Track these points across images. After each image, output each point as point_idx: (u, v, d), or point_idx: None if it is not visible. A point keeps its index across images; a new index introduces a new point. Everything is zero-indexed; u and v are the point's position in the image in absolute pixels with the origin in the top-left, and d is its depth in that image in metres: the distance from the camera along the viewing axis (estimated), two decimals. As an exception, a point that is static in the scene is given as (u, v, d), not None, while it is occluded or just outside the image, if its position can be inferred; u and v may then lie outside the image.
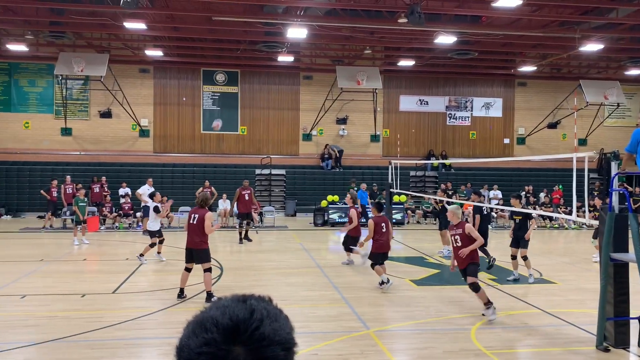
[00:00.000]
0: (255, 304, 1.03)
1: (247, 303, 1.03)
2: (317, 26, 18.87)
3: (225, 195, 20.84)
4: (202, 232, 9.09)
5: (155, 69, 25.61)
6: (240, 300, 1.04)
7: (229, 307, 1.02)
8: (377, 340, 7.24)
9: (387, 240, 10.17)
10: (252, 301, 1.04)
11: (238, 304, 1.03)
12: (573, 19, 17.88)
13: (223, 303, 1.05)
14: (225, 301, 1.05)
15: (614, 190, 7.26)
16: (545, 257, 14.42)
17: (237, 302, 1.04)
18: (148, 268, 12.46)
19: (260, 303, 1.04)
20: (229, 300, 1.05)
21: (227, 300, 1.06)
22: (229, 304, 1.03)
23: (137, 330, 7.63)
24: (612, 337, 7.10)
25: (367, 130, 26.60)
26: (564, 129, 27.45)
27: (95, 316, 8.22)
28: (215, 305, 1.04)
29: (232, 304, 1.03)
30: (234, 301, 1.04)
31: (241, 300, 1.04)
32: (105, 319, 8.00)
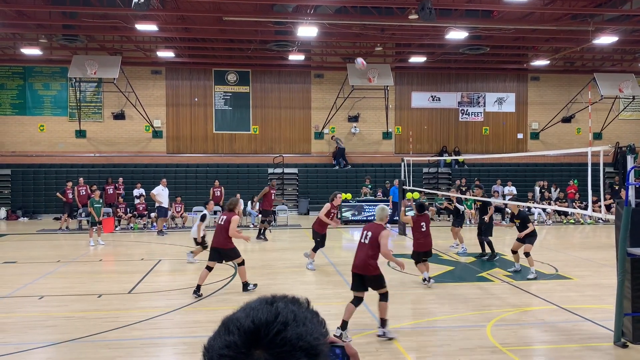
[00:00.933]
0: (282, 306, 1.00)
1: (274, 306, 1.00)
2: (327, 24, 18.85)
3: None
4: (227, 233, 9.59)
5: (167, 70, 25.76)
6: (268, 303, 1.02)
7: (255, 309, 1.00)
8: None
9: (426, 240, 10.44)
10: (279, 304, 1.01)
11: (264, 307, 1.00)
12: (586, 12, 17.67)
13: (251, 305, 1.02)
14: (254, 303, 1.03)
15: (631, 184, 7.17)
16: (561, 252, 14.29)
17: (264, 305, 1.01)
18: (163, 268, 12.55)
19: (288, 306, 1.01)
20: (257, 302, 1.03)
21: (256, 301, 1.03)
22: (256, 305, 1.01)
23: (153, 330, 7.70)
24: (630, 332, 7.02)
25: (379, 127, 26.54)
26: (578, 123, 27.15)
27: (112, 316, 8.30)
28: (244, 307, 1.03)
29: (258, 305, 1.01)
30: (261, 303, 1.02)
31: (268, 303, 1.02)
32: (121, 319, 8.08)
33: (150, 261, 13.09)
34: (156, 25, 18.67)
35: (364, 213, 21.30)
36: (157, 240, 17.08)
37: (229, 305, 8.91)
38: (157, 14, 18.16)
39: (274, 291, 1.13)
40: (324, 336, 1.00)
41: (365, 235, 7.31)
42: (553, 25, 18.76)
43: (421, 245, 10.43)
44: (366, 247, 7.23)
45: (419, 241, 10.44)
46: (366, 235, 7.30)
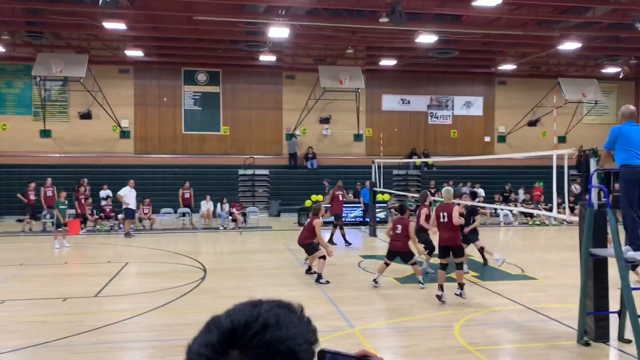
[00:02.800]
0: (266, 309, 0.99)
1: (257, 308, 0.99)
2: (298, 26, 18.85)
3: (208, 197, 20.72)
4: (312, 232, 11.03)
5: (136, 69, 25.35)
6: (253, 305, 1.01)
7: (237, 310, 0.99)
8: (362, 339, 7.27)
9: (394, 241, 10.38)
10: (263, 306, 1.00)
11: (247, 308, 0.99)
12: (551, 18, 18.11)
13: (237, 306, 1.02)
14: (240, 304, 1.02)
15: (594, 187, 7.37)
16: (526, 253, 14.59)
17: (248, 307, 1.00)
18: (131, 270, 12.35)
19: (273, 309, 1.00)
20: (243, 304, 1.02)
21: (242, 304, 1.03)
22: (240, 307, 1.01)
23: (121, 333, 7.56)
24: (593, 331, 7.22)
25: (351, 129, 26.65)
26: (543, 126, 27.79)
27: (78, 320, 8.11)
28: (231, 308, 1.02)
29: (242, 307, 1.00)
30: (246, 305, 1.01)
31: (253, 305, 1.01)
32: (87, 323, 7.91)
33: (118, 264, 12.85)
34: (124, 23, 18.36)
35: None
36: (125, 243, 16.79)
37: (197, 308, 8.82)
38: (126, 12, 17.86)
39: (243, 294, 1.13)
40: (310, 343, 0.99)
41: (443, 216, 9.19)
42: (520, 31, 19.17)
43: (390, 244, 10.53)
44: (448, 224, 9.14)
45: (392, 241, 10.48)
46: (444, 216, 9.19)
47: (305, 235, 11.18)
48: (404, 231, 10.23)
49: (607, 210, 7.03)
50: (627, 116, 6.94)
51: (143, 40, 22.14)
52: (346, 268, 12.56)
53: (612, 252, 6.85)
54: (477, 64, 26.28)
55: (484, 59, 25.67)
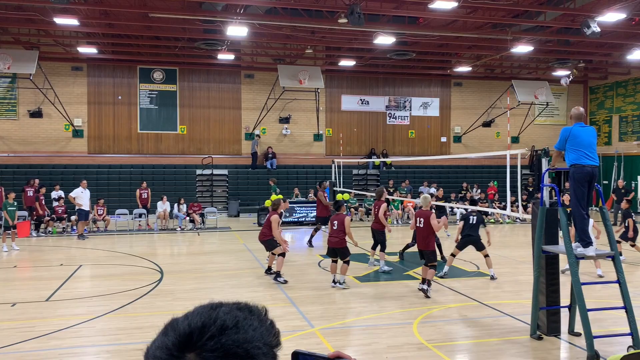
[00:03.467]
0: (225, 311, 0.97)
1: (216, 310, 0.98)
2: (257, 24, 18.73)
3: (165, 197, 20.34)
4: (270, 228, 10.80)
5: (89, 67, 24.65)
6: (212, 307, 0.99)
7: (196, 313, 0.98)
8: (322, 338, 7.28)
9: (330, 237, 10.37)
10: (223, 309, 0.98)
11: (206, 311, 0.98)
12: (505, 22, 18.60)
13: (196, 309, 1.00)
14: (200, 307, 1.00)
15: (545, 186, 7.61)
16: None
17: (207, 309, 0.99)
18: (84, 273, 11.99)
19: (233, 312, 0.98)
20: (203, 307, 1.00)
21: (202, 306, 1.01)
22: (199, 310, 0.99)
23: (73, 338, 7.33)
24: (545, 325, 7.45)
25: (310, 129, 26.68)
26: (497, 127, 28.53)
27: (27, 326, 7.82)
28: (190, 311, 1.00)
29: (201, 310, 0.99)
30: (205, 307, 1.00)
31: (213, 307, 0.99)
32: (38, 329, 7.63)
33: (70, 267, 12.47)
34: (77, 19, 17.81)
35: (295, 215, 21.34)
36: (78, 245, 16.30)
37: (154, 311, 8.65)
38: (78, 8, 17.33)
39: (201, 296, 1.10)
40: (271, 346, 0.98)
41: (420, 221, 9.68)
42: (475, 34, 19.61)
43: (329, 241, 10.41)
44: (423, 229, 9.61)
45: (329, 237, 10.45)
46: (420, 221, 9.67)
47: (265, 232, 11.02)
48: (339, 226, 10.16)
49: (558, 208, 7.27)
50: (576, 118, 7.19)
51: (97, 37, 21.54)
52: (306, 268, 12.56)
53: (562, 248, 7.09)
54: (434, 66, 26.75)
55: (440, 61, 26.15)
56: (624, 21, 17.75)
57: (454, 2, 15.53)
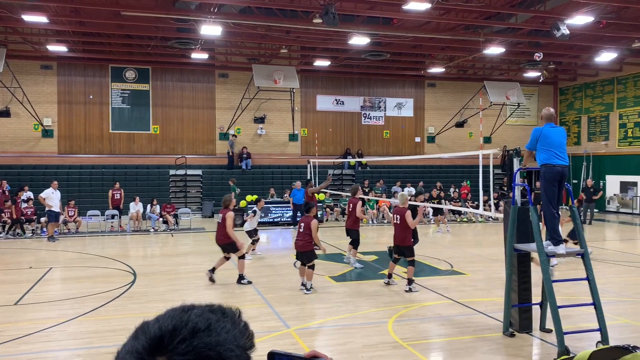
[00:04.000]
0: (198, 313, 0.96)
1: (188, 313, 0.96)
2: (231, 24, 18.61)
3: (137, 198, 20.06)
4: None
5: (59, 66, 24.16)
6: (184, 310, 0.97)
7: (167, 315, 0.96)
8: (297, 339, 7.27)
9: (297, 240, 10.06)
10: (195, 311, 0.97)
11: (177, 314, 0.96)
12: (477, 23, 18.86)
13: (167, 312, 0.98)
14: (171, 310, 0.98)
15: (517, 185, 7.74)
16: (455, 249, 15.12)
17: (178, 312, 0.97)
18: (55, 276, 11.74)
19: (205, 314, 0.96)
20: (174, 309, 0.98)
21: (173, 309, 0.99)
22: (171, 312, 0.97)
23: (44, 342, 7.17)
24: (517, 323, 7.58)
25: (285, 129, 26.63)
26: (470, 127, 28.91)
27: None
28: (161, 313, 0.98)
29: (172, 312, 0.97)
30: (177, 310, 0.98)
31: (184, 310, 0.97)
32: (7, 333, 7.45)
33: (40, 269, 12.19)
34: (46, 16, 17.43)
35: (270, 215, 21.26)
36: (48, 247, 15.95)
37: (126, 313, 8.52)
38: (47, 5, 16.96)
39: (175, 298, 1.09)
40: (244, 349, 0.97)
41: (396, 218, 9.97)
42: (448, 35, 19.84)
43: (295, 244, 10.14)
44: (400, 226, 9.94)
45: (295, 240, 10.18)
46: (397, 218, 9.95)
47: (224, 233, 10.50)
48: (306, 229, 9.78)
49: (529, 208, 7.40)
50: (547, 118, 7.33)
51: (67, 35, 21.11)
52: (281, 268, 12.54)
53: (534, 247, 7.22)
54: (408, 67, 26.97)
55: (414, 62, 26.37)
56: (592, 24, 18.18)
57: (428, 4, 15.68)
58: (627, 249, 15.23)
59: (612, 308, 8.60)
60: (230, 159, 25.41)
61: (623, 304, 9.28)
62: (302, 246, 9.86)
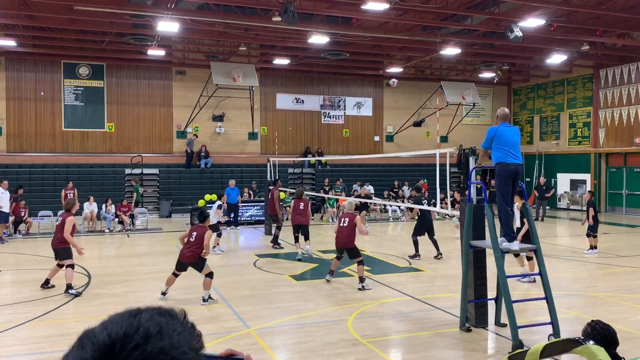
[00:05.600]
0: (147, 318, 0.92)
1: (137, 317, 0.92)
2: (189, 20, 18.33)
3: (92, 198, 19.51)
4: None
5: (8, 60, 23.25)
6: (132, 315, 0.93)
7: (114, 321, 0.91)
8: (257, 339, 7.23)
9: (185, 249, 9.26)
10: (143, 315, 0.93)
11: (125, 319, 0.92)
12: (434, 24, 19.19)
13: (112, 317, 0.93)
14: (117, 315, 0.94)
15: (472, 183, 7.91)
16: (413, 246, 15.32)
17: (126, 317, 0.92)
18: (4, 279, 11.30)
19: (154, 318, 0.93)
20: (120, 315, 0.94)
21: (119, 314, 0.94)
22: (117, 318, 0.92)
23: (-8, 349, 6.89)
24: (473, 317, 7.76)
25: (245, 127, 26.41)
26: (427, 127, 29.39)
27: (-61, 337, 7.27)
28: (106, 320, 0.93)
29: (119, 318, 0.92)
30: (124, 315, 0.93)
31: (132, 315, 0.93)
32: (-49, 340, 7.12)
33: (-12, 273, 11.71)
34: (-6, 9, 16.74)
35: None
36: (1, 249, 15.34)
37: (81, 316, 8.29)
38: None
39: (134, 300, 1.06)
40: (196, 350, 0.94)
41: (344, 221, 10.39)
42: (405, 35, 20.10)
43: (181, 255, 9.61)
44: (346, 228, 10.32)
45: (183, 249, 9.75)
46: (344, 221, 10.39)
47: (60, 238, 9.68)
48: (197, 239, 8.99)
49: (485, 205, 7.57)
50: (502, 118, 7.52)
51: (16, 29, 20.32)
52: (241, 268, 12.44)
53: (489, 243, 7.40)
54: (367, 66, 27.20)
55: (373, 62, 26.61)
56: (544, 27, 18.77)
57: (386, 4, 15.84)
58: (577, 244, 15.81)
59: (564, 302, 8.91)
60: (188, 157, 25.05)
61: (574, 298, 9.62)
62: (190, 257, 9.08)
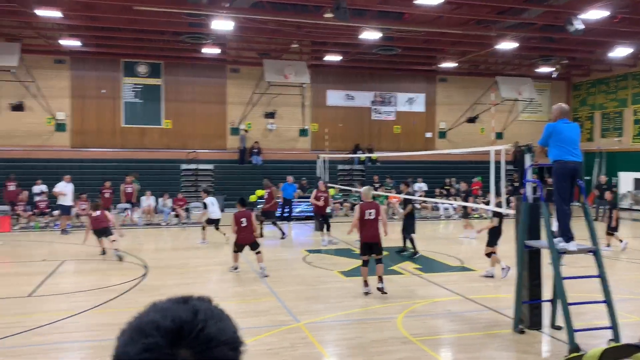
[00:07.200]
0: (198, 304, 0.99)
1: (189, 304, 0.98)
2: (242, 18, 18.62)
3: (149, 192, 20.18)
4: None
5: (72, 60, 24.33)
6: (181, 302, 0.99)
7: (170, 309, 0.96)
8: (307, 333, 7.30)
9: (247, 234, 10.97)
10: (194, 302, 1.00)
11: (179, 306, 0.97)
12: (489, 18, 18.71)
13: (162, 305, 0.98)
14: (164, 303, 0.99)
15: (528, 182, 7.69)
16: (465, 245, 15.06)
17: (178, 304, 0.98)
18: (67, 269, 11.87)
19: (202, 303, 1.00)
20: (168, 302, 0.99)
21: (166, 302, 1.00)
22: (169, 306, 0.98)
23: (57, 334, 7.26)
24: (527, 319, 7.55)
25: (296, 124, 26.62)
26: (482, 123, 28.72)
27: (10, 322, 7.73)
28: (153, 309, 0.98)
29: (172, 305, 0.98)
30: (174, 303, 0.99)
31: (182, 302, 0.99)
32: (21, 324, 7.55)
33: (53, 262, 12.33)
34: (59, 11, 17.54)
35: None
36: (61, 240, 16.12)
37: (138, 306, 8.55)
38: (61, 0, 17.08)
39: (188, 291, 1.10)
40: (238, 329, 1.01)
41: (370, 213, 9.24)
42: (460, 30, 19.70)
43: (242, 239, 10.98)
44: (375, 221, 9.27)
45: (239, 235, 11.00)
46: (370, 213, 9.25)
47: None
48: (249, 222, 10.92)
49: (541, 204, 7.35)
50: (560, 114, 7.26)
51: (80, 30, 21.25)
52: (291, 262, 12.57)
53: (545, 243, 7.18)
54: (419, 62, 26.82)
55: (425, 57, 26.22)
56: (607, 19, 17.95)
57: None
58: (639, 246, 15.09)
59: (624, 306, 8.53)
60: (241, 153, 25.49)
61: (635, 302, 9.21)
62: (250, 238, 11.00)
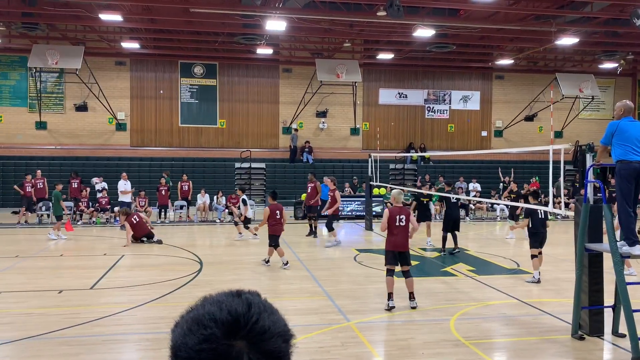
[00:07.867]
0: (251, 297, 1.02)
1: (243, 297, 1.02)
2: (295, 19, 18.78)
3: (204, 190, 20.68)
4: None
5: (132, 62, 25.24)
6: (235, 295, 1.03)
7: (225, 302, 1.00)
8: (357, 332, 7.28)
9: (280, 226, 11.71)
10: (247, 295, 1.03)
11: (234, 299, 1.01)
12: (549, 13, 18.08)
13: (217, 298, 1.02)
14: (219, 296, 1.03)
15: (589, 182, 7.38)
16: (522, 247, 14.61)
17: (232, 297, 1.02)
18: (126, 263, 12.33)
19: (254, 297, 1.03)
20: (223, 296, 1.03)
21: (221, 295, 1.03)
22: (224, 299, 1.01)
23: (115, 326, 7.55)
24: (587, 325, 7.24)
25: (347, 123, 26.62)
26: (540, 121, 27.81)
27: (73, 312, 8.10)
28: (209, 301, 1.01)
29: (227, 298, 1.01)
30: (228, 296, 1.02)
31: (236, 295, 1.03)
32: (82, 315, 7.90)
33: (113, 256, 12.84)
34: (120, 15, 18.25)
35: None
36: (121, 235, 16.75)
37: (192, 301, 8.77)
38: (122, 4, 17.76)
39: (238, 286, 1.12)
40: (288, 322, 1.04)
41: (400, 219, 8.35)
42: (517, 25, 19.13)
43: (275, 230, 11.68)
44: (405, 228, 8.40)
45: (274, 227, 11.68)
46: (400, 219, 8.35)
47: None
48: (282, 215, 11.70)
49: (603, 206, 7.04)
50: (625, 111, 6.93)
51: (139, 33, 22.02)
52: (342, 262, 12.58)
53: (606, 247, 6.87)
54: (475, 59, 26.25)
55: (481, 54, 25.64)
56: (677, 11, 16.97)
57: (496, -6, 15.18)
58: None
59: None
60: (292, 152, 25.73)
61: None
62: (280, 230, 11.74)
